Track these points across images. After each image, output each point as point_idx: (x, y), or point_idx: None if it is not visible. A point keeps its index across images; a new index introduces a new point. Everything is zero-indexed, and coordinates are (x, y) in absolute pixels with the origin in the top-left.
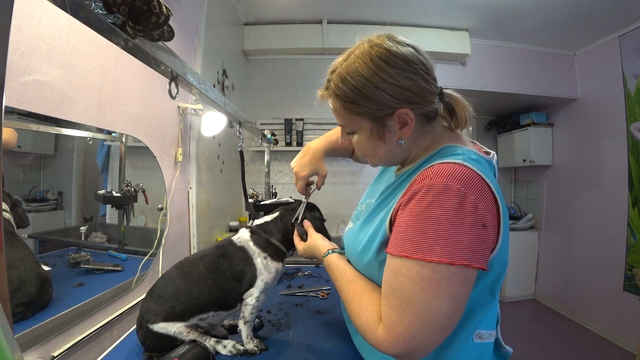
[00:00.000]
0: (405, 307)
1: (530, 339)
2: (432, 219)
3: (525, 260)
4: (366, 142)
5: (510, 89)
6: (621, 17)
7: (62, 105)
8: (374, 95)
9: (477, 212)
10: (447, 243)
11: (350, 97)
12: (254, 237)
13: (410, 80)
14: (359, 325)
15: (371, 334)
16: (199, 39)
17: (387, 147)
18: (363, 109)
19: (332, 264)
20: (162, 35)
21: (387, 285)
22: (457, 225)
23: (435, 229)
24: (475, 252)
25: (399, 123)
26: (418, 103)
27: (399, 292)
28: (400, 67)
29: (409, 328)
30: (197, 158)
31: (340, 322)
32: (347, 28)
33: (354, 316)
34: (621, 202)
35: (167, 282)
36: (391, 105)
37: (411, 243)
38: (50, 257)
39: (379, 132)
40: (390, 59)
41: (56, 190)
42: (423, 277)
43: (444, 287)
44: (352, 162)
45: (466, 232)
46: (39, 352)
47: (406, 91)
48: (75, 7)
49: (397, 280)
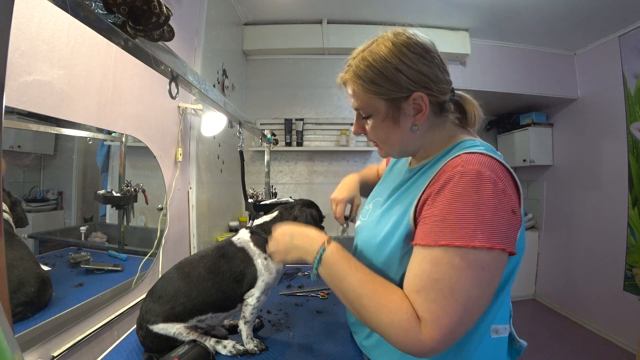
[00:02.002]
0: (450, 297)
1: (530, 339)
2: (470, 204)
3: (525, 260)
4: (380, 126)
5: (510, 89)
6: (621, 17)
7: (62, 105)
8: (393, 76)
9: (508, 199)
10: (487, 227)
11: (370, 77)
12: (254, 237)
13: (427, 67)
14: (388, 325)
15: (412, 335)
16: (199, 39)
17: (401, 133)
18: (381, 89)
19: (338, 254)
20: (162, 35)
21: (424, 277)
22: (493, 210)
23: (474, 214)
24: (509, 236)
25: (414, 109)
26: (433, 90)
27: (441, 283)
28: (419, 53)
29: (455, 319)
30: (197, 158)
31: (341, 322)
32: (347, 28)
33: (380, 314)
34: (621, 202)
35: (167, 283)
36: (409, 87)
37: (450, 230)
38: (50, 257)
39: (394, 115)
40: (411, 46)
41: (56, 190)
42: (469, 264)
43: (486, 273)
44: (353, 162)
45: (501, 217)
46: (39, 352)
47: (423, 76)
48: (75, 7)
49: (439, 271)
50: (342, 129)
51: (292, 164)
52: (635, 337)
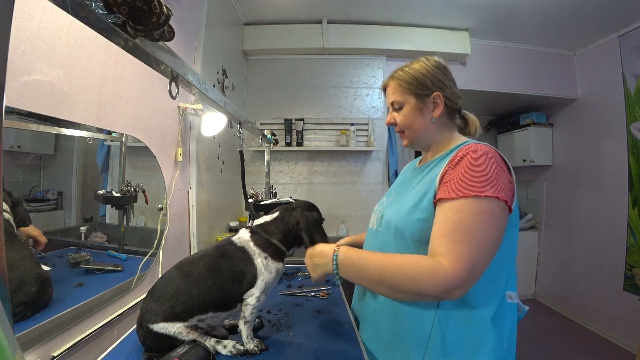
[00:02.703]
0: (471, 236)
1: (530, 339)
2: (481, 169)
3: (525, 260)
4: (409, 114)
5: (510, 89)
6: (621, 17)
7: (62, 105)
8: (422, 80)
9: (506, 173)
10: (494, 185)
11: (406, 79)
12: (254, 237)
13: (444, 77)
14: (417, 277)
15: (439, 271)
16: (199, 39)
17: (424, 121)
18: (412, 87)
19: (349, 253)
20: (162, 35)
21: (449, 223)
22: (498, 175)
23: (485, 176)
24: (509, 195)
25: (433, 105)
26: (446, 92)
27: (462, 225)
28: (441, 69)
29: (474, 253)
30: (197, 158)
31: (341, 322)
32: (347, 28)
33: (407, 273)
34: (621, 202)
35: (167, 282)
36: (431, 87)
37: (469, 186)
38: (50, 257)
39: (419, 107)
40: (436, 64)
41: (56, 190)
42: (483, 210)
43: (495, 220)
44: (352, 162)
45: (503, 182)
46: (39, 352)
47: (441, 82)
48: (75, 7)
49: (460, 217)
50: (342, 129)
51: (292, 164)
52: (635, 337)
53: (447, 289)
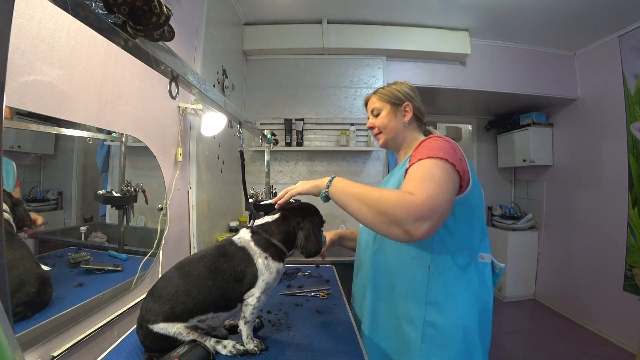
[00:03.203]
0: (429, 179)
1: (530, 339)
2: (436, 144)
3: (525, 260)
4: (386, 117)
5: (510, 89)
6: (621, 17)
7: (62, 105)
8: (396, 94)
9: (458, 151)
10: (445, 153)
11: (385, 93)
12: (255, 237)
13: (414, 95)
14: (391, 201)
15: (408, 199)
16: (199, 39)
17: (397, 124)
18: (389, 98)
19: (343, 179)
20: (162, 35)
21: (410, 174)
22: (448, 149)
23: (438, 147)
24: (459, 163)
25: (404, 112)
26: (414, 104)
27: (422, 173)
28: (411, 89)
29: (434, 190)
30: (197, 158)
31: (341, 322)
32: (347, 28)
33: (383, 198)
34: (621, 202)
35: (168, 283)
36: (403, 99)
37: (425, 153)
38: (50, 257)
39: (394, 111)
40: (408, 86)
41: (56, 190)
42: (436, 164)
43: (446, 172)
44: (353, 162)
45: (453, 154)
46: (39, 352)
47: (410, 96)
48: (75, 6)
49: (420, 168)
50: (342, 129)
51: (292, 164)
52: (635, 337)
53: (416, 215)
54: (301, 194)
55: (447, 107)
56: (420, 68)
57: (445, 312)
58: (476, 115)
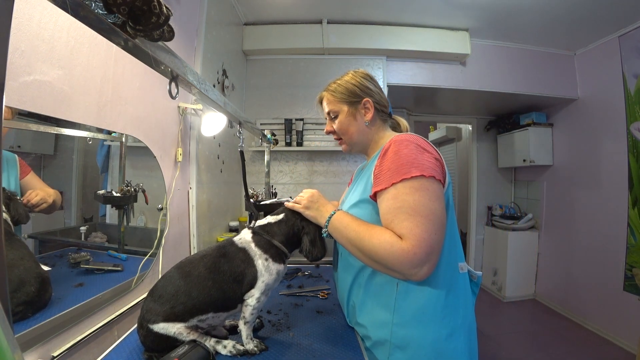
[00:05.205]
0: (415, 214)
1: (530, 339)
2: (403, 155)
3: (525, 260)
4: (344, 121)
5: (510, 89)
6: (621, 17)
7: (62, 105)
8: (352, 89)
9: (429, 150)
10: (417, 164)
11: (339, 91)
12: (256, 238)
13: (372, 86)
14: (378, 244)
15: (397, 246)
16: (199, 39)
17: (358, 126)
18: (345, 97)
19: (342, 215)
20: (162, 35)
21: (391, 209)
22: (418, 156)
23: (407, 160)
24: (436, 171)
25: (365, 109)
26: (375, 98)
27: (404, 207)
28: (368, 79)
29: (425, 228)
30: (197, 158)
31: (340, 322)
32: (347, 28)
33: (372, 239)
34: (621, 202)
35: (168, 283)
36: (360, 95)
37: (395, 172)
38: (50, 257)
39: (353, 113)
40: (364, 75)
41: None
42: (415, 188)
43: (429, 192)
44: (353, 162)
45: (426, 161)
46: (39, 352)
47: (369, 90)
48: (75, 7)
49: (399, 200)
50: None
51: (292, 164)
52: (635, 337)
53: (411, 265)
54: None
55: (447, 107)
56: (420, 68)
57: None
58: (476, 115)
